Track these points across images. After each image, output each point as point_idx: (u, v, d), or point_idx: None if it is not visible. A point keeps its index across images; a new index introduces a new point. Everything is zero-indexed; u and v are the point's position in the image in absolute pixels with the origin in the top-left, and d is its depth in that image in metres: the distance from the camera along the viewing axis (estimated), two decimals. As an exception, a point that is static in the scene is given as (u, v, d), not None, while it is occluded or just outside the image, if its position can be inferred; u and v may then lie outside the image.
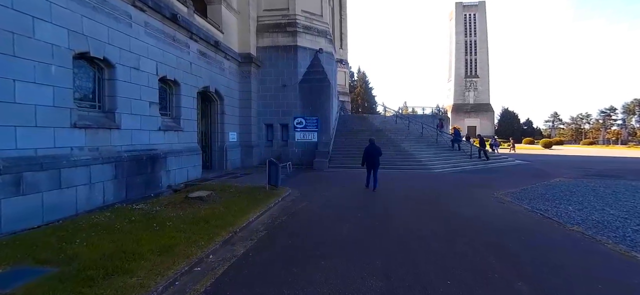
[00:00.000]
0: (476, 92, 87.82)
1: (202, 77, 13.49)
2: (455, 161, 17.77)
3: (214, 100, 15.34)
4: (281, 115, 18.16)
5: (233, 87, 16.58)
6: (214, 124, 15.56)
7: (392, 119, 24.86)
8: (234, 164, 16.43)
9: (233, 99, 16.59)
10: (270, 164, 9.47)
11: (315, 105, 17.91)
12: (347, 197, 9.16)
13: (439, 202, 8.48)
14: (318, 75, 18.10)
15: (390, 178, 12.96)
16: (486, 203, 8.47)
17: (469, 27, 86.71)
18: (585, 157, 28.94)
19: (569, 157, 28.97)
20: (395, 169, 15.74)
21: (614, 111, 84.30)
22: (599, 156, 29.97)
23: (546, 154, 34.32)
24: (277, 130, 18.26)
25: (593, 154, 33.65)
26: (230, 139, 16.36)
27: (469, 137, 22.16)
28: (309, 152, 17.66)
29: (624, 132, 78.16)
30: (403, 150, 17.83)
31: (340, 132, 20.35)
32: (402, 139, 19.87)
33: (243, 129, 17.43)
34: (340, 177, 13.31)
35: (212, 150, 15.59)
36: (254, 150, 17.56)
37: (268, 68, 18.19)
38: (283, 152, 18.03)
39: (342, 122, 22.61)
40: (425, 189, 10.52)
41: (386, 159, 16.74)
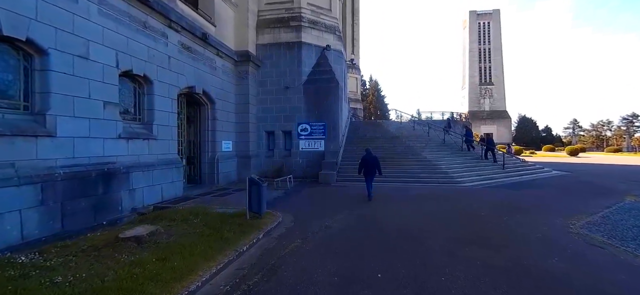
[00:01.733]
0: (491, 99, 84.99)
1: (186, 76, 11.26)
2: (485, 172, 15.04)
3: (203, 103, 13.10)
4: (283, 120, 15.81)
5: (227, 89, 14.34)
6: (204, 132, 13.28)
7: (409, 124, 22.28)
8: (228, 178, 14.08)
9: (227, 103, 14.34)
10: (251, 184, 6.80)
11: (322, 109, 15.51)
12: (360, 230, 6.58)
13: (496, 246, 5.61)
14: (325, 75, 15.74)
15: (415, 196, 10.34)
16: (567, 244, 5.64)
17: (483, 35, 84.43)
18: (625, 166, 25.66)
19: (606, 166, 25.72)
20: (418, 182, 13.13)
21: (637, 118, 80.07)
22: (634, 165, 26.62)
23: (575, 162, 31.02)
24: (279, 138, 15.90)
25: (628, 163, 30.23)
26: (224, 148, 14.06)
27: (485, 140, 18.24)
28: (315, 163, 15.20)
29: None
30: (425, 160, 15.23)
31: (351, 140, 17.90)
32: (422, 146, 17.27)
33: (239, 137, 15.12)
34: (350, 195, 10.77)
35: (201, 162, 13.28)
36: (252, 161, 15.21)
37: (269, 68, 15.94)
38: (286, 163, 15.62)
39: (353, 129, 20.16)
40: (466, 215, 7.77)
41: (407, 171, 14.18)
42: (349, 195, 10.74)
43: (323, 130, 15.51)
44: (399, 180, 13.44)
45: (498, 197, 10.22)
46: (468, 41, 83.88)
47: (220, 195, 10.80)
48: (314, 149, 15.54)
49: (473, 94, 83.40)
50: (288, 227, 6.62)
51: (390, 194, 10.74)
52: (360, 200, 9.80)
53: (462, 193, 11.05)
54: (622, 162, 32.45)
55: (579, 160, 34.91)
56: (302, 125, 15.64)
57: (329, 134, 15.49)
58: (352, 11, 40.52)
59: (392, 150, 16.47)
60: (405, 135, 18.87)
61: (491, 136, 18.89)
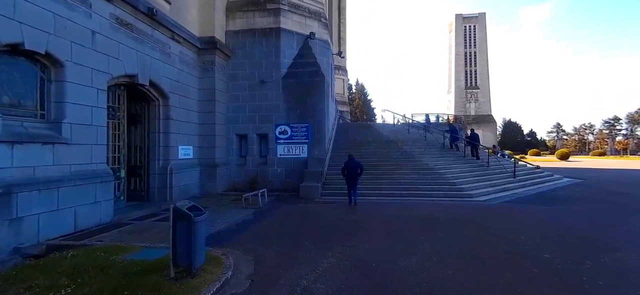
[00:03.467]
0: (477, 104, 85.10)
1: (123, 61, 8.53)
2: (496, 182, 12.86)
3: (151, 98, 10.34)
4: (258, 121, 13.19)
5: (187, 82, 11.63)
6: (153, 134, 10.50)
7: (403, 127, 20.03)
8: (187, 192, 11.32)
9: (187, 99, 11.61)
10: (177, 219, 3.96)
11: (305, 107, 12.99)
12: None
13: None
14: (309, 67, 13.25)
15: (428, 219, 7.88)
16: None
17: (469, 38, 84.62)
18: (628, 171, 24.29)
19: (609, 171, 24.29)
20: (422, 195, 10.75)
21: (618, 121, 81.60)
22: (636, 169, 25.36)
23: (572, 167, 29.63)
24: (253, 142, 13.26)
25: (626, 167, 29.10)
26: (181, 155, 11.30)
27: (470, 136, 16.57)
28: (296, 172, 12.63)
29: (631, 142, 75.09)
30: (426, 168, 12.92)
31: (340, 144, 15.46)
32: (420, 151, 15.00)
33: (204, 142, 12.39)
34: (340, 217, 8.23)
35: (149, 173, 10.48)
36: (220, 170, 12.49)
37: (241, 59, 13.32)
38: (261, 173, 12.98)
39: (341, 133, 17.73)
40: (523, 257, 5.08)
41: (407, 182, 11.79)
42: (338, 217, 8.20)
43: (306, 133, 12.98)
44: (399, 193, 11.04)
45: (537, 219, 7.80)
46: (454, 45, 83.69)
47: (166, 219, 8.07)
48: (294, 156, 12.97)
49: (459, 98, 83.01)
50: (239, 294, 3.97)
51: (394, 215, 8.28)
52: (354, 226, 7.28)
53: (484, 212, 8.67)
54: (618, 166, 31.38)
55: (573, 165, 33.70)
56: (280, 127, 13.06)
57: (313, 137, 12.97)
58: (339, 9, 38.28)
59: (388, 157, 14.11)
60: (400, 139, 16.57)
61: (476, 133, 17.14)
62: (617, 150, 72.73)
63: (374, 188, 11.46)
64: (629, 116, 78.11)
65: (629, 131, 78.87)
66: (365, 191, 11.26)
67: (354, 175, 9.81)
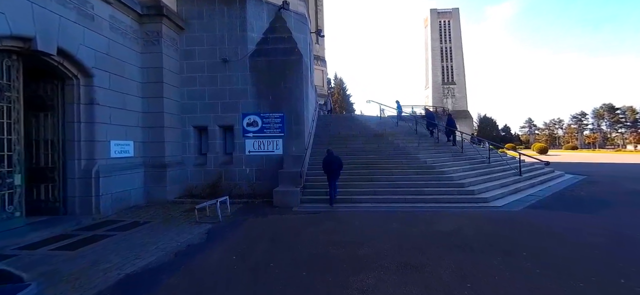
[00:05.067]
0: (454, 99, 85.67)
1: (5, 13, 5.75)
2: (505, 181, 11.04)
3: (66, 76, 7.53)
4: (221, 110, 10.59)
5: (123, 57, 8.85)
6: (71, 125, 7.70)
7: (391, 120, 18.02)
8: (124, 200, 8.60)
9: (123, 80, 8.84)
10: None
11: (279, 93, 10.53)
12: None
13: None
14: (282, 44, 10.78)
15: (442, 240, 5.71)
16: None
17: (444, 34, 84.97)
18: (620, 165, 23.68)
19: (600, 165, 23.57)
20: (427, 202, 8.61)
21: (585, 116, 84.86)
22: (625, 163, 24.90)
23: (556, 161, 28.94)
24: (215, 136, 10.65)
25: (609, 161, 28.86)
26: (115, 152, 8.55)
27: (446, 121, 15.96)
28: (269, 173, 10.19)
29: (599, 136, 78.23)
30: (425, 166, 10.86)
31: (322, 139, 13.14)
32: (414, 146, 12.96)
33: (149, 135, 9.66)
34: (328, 240, 5.82)
35: (66, 177, 7.68)
36: (171, 172, 9.81)
37: (197, 32, 10.63)
38: (226, 175, 10.43)
39: (323, 125, 15.41)
40: None
41: (406, 184, 9.65)
42: (325, 239, 5.82)
43: (280, 125, 10.54)
44: (400, 198, 8.87)
45: (596, 237, 5.69)
46: (430, 40, 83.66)
47: (72, 248, 5.42)
48: (267, 153, 10.51)
49: (436, 93, 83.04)
50: None
51: (403, 234, 6.03)
52: (351, 256, 4.96)
53: (516, 226, 6.51)
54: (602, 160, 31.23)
55: (556, 159, 33.26)
56: (249, 117, 10.54)
57: (289, 130, 10.56)
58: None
59: (379, 153, 11.94)
60: (390, 133, 14.48)
61: (453, 117, 16.49)
62: (587, 144, 75.45)
63: (368, 192, 9.24)
64: (595, 111, 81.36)
65: (595, 126, 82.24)
66: (357, 196, 9.01)
67: (332, 171, 8.77)
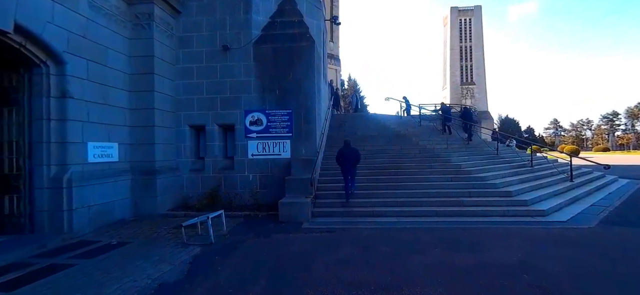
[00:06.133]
0: (473, 100, 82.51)
1: None
2: (557, 188, 9.17)
3: (32, 62, 6.30)
4: (221, 107, 9.22)
5: (105, 42, 7.58)
6: (39, 123, 6.45)
7: (412, 119, 16.28)
8: (106, 213, 7.31)
9: (104, 69, 7.57)
10: None
11: (287, 85, 9.07)
12: None
13: None
14: (292, 28, 9.31)
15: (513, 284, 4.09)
16: None
17: (465, 32, 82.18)
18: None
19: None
20: (468, 216, 6.92)
21: (617, 116, 79.79)
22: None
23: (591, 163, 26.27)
24: (214, 137, 9.28)
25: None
26: (95, 156, 7.27)
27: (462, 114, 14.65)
28: (275, 180, 8.74)
29: (633, 137, 73.23)
30: (459, 170, 9.16)
31: (335, 140, 11.61)
32: (442, 148, 11.26)
33: (136, 136, 8.36)
34: (350, 278, 4.22)
35: (32, 186, 6.43)
36: (163, 180, 8.48)
37: (196, 16, 9.32)
38: (225, 182, 9.04)
39: (336, 125, 13.88)
40: None
41: (439, 193, 7.96)
42: (346, 277, 4.26)
43: (288, 124, 9.07)
44: (432, 211, 7.22)
45: None
46: (449, 39, 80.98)
47: (7, 288, 4.09)
48: (273, 156, 9.05)
49: (454, 94, 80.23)
50: None
51: (450, 270, 4.31)
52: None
53: (601, 251, 4.69)
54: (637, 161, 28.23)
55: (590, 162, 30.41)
56: (252, 114, 9.12)
57: (298, 129, 9.07)
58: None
59: (402, 156, 10.31)
60: (413, 133, 12.80)
61: (471, 110, 15.49)
62: (620, 146, 70.83)
63: (393, 203, 7.63)
64: (629, 111, 76.41)
65: (628, 126, 77.14)
66: (380, 208, 7.42)
67: (349, 165, 8.01)
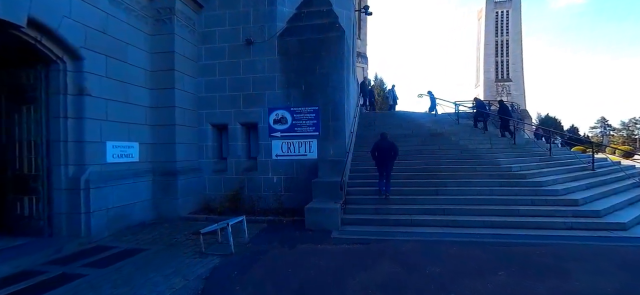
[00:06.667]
0: (510, 97, 77.78)
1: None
2: (627, 194, 7.77)
3: (49, 58, 6.04)
4: (243, 104, 8.70)
5: (125, 38, 7.27)
6: (56, 122, 6.20)
7: (447, 117, 15.06)
8: (126, 217, 7.00)
9: (124, 66, 7.27)
10: None
11: (313, 80, 8.38)
12: None
13: None
14: (319, 19, 8.60)
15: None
16: None
17: (501, 26, 77.89)
18: None
19: None
20: (525, 228, 5.84)
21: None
22: None
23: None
24: (237, 136, 8.78)
25: None
26: (113, 156, 6.97)
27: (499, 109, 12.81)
28: (301, 183, 8.08)
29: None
30: (509, 173, 8.01)
31: (365, 139, 10.79)
32: (486, 148, 10.08)
33: (158, 135, 8.03)
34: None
35: (51, 187, 6.19)
36: (184, 181, 8.08)
37: (218, 9, 8.85)
38: (248, 184, 8.50)
39: (365, 125, 13.04)
40: None
41: (484, 199, 6.89)
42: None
43: (315, 122, 8.37)
44: (480, 221, 6.23)
45: None
46: (484, 33, 77.05)
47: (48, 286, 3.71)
48: (298, 157, 8.39)
49: (488, 91, 76.08)
50: None
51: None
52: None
53: None
54: None
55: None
56: (276, 112, 8.51)
57: (325, 128, 8.34)
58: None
59: (441, 157, 9.30)
60: (450, 131, 11.67)
61: (508, 105, 13.63)
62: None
63: (434, 210, 6.70)
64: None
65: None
66: (419, 216, 6.54)
67: (387, 160, 7.51)
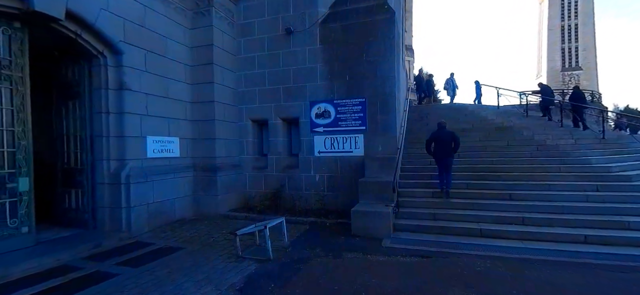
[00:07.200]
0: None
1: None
2: None
3: (90, 53, 5.99)
4: (284, 98, 8.16)
5: (164, 31, 7.11)
6: (98, 117, 6.16)
7: (513, 108, 13.20)
8: (166, 213, 6.84)
9: (163, 61, 7.11)
10: None
11: (359, 70, 7.55)
12: None
13: None
14: (365, 0, 7.74)
15: None
16: None
17: (568, 9, 69.04)
18: None
19: None
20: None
21: None
22: None
23: None
24: (277, 132, 8.28)
25: None
26: (154, 151, 6.83)
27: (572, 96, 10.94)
28: (346, 181, 7.33)
29: None
30: (609, 176, 6.48)
31: (416, 135, 9.70)
32: (570, 143, 8.42)
33: (198, 130, 7.81)
34: None
35: (95, 182, 6.17)
36: (224, 177, 7.78)
37: (256, 0, 8.43)
38: (289, 182, 7.97)
39: (415, 119, 11.85)
40: None
41: (576, 207, 5.50)
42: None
43: (361, 115, 7.54)
44: (571, 235, 4.99)
45: None
46: (547, 18, 69.05)
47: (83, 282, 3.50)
48: (342, 154, 7.64)
49: (553, 81, 68.40)
50: None
51: None
52: None
53: None
54: None
55: None
56: (319, 105, 7.84)
57: (373, 122, 7.47)
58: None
59: (512, 154, 7.94)
60: (520, 125, 10.06)
61: (581, 91, 11.47)
62: None
63: (509, 219, 5.55)
64: None
65: None
66: (489, 225, 5.44)
67: (446, 152, 6.70)
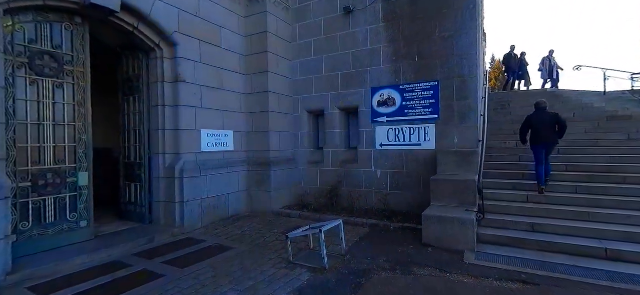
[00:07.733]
0: None
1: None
2: None
3: (147, 46, 5.92)
4: (342, 85, 7.39)
5: (218, 20, 6.85)
6: (155, 110, 6.10)
7: (623, 94, 10.57)
8: (220, 208, 6.61)
9: (218, 51, 6.86)
10: None
11: (431, 48, 6.41)
12: None
13: None
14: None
15: None
16: None
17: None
18: None
19: None
20: None
21: None
22: None
23: None
24: (334, 124, 7.54)
25: None
26: (208, 146, 6.62)
27: None
28: (413, 180, 6.29)
29: None
30: None
31: (498, 125, 8.12)
32: None
33: (252, 123, 7.47)
34: None
35: (151, 176, 6.13)
36: (278, 172, 7.31)
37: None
38: (347, 179, 7.19)
39: (496, 107, 10.10)
40: None
41: None
42: None
43: (433, 101, 6.40)
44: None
45: None
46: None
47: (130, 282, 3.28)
48: (409, 146, 6.59)
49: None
50: None
51: None
52: None
53: None
54: None
55: None
56: (381, 92, 6.89)
57: (448, 109, 6.28)
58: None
59: (633, 151, 6.06)
60: (638, 113, 7.86)
61: None
62: None
63: None
64: None
65: None
66: (614, 242, 4.00)
67: (547, 137, 5.36)
